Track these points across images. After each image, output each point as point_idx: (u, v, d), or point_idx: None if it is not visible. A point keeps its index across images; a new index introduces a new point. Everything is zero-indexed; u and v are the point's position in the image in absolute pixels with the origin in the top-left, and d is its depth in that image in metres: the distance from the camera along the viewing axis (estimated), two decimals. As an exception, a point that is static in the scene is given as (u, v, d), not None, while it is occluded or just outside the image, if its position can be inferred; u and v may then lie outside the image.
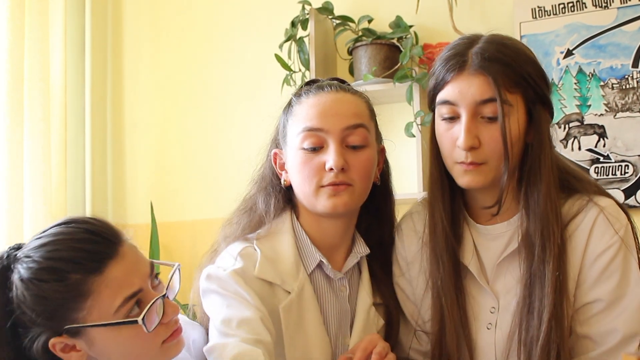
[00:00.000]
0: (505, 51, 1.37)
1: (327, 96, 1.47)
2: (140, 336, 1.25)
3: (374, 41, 2.83)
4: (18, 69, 2.91)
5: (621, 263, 1.37)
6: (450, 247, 1.47)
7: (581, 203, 1.41)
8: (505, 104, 1.33)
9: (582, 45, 2.70)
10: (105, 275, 1.23)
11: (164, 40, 3.43)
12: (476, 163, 1.37)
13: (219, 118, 3.26)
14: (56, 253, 1.24)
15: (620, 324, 1.35)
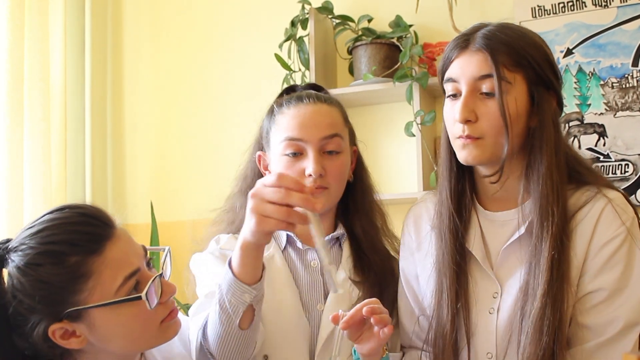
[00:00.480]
0: (509, 32, 1.42)
1: (306, 108, 1.62)
2: (140, 315, 1.25)
3: (373, 41, 2.83)
4: (18, 69, 2.91)
5: (626, 254, 1.38)
6: (454, 229, 1.49)
7: (590, 194, 1.43)
8: (503, 80, 1.37)
9: (582, 44, 2.70)
10: (105, 256, 1.23)
11: (164, 40, 3.43)
12: (473, 137, 1.40)
13: (219, 118, 3.26)
14: (53, 237, 1.23)
15: (621, 314, 1.35)
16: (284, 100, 1.67)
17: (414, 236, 1.62)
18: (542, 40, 1.46)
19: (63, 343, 1.24)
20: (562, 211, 1.39)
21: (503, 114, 1.37)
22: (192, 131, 3.32)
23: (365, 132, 3.03)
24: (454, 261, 1.48)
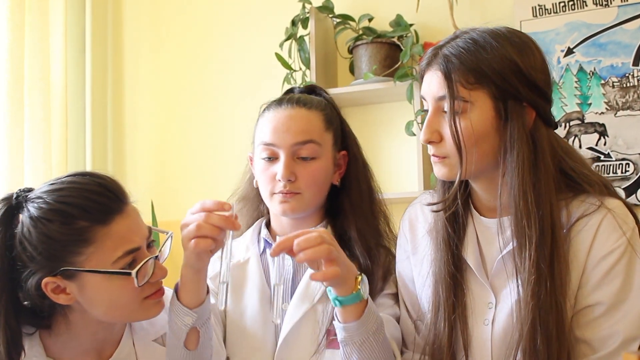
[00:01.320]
0: (472, 48, 1.36)
1: (282, 112, 1.62)
2: (127, 288, 1.34)
3: (374, 40, 2.83)
4: (18, 69, 2.91)
5: (625, 266, 1.34)
6: (447, 238, 1.47)
7: (588, 203, 1.38)
8: (457, 100, 1.34)
9: (583, 43, 2.70)
10: (110, 228, 1.32)
11: (165, 40, 3.43)
12: (438, 156, 1.40)
13: (219, 117, 3.26)
14: (68, 198, 1.32)
15: (620, 328, 1.32)
16: (269, 103, 1.69)
17: (410, 239, 1.60)
18: (521, 47, 1.38)
19: (53, 297, 1.33)
20: (544, 229, 1.34)
21: (454, 136, 1.34)
22: (193, 130, 3.32)
23: (365, 132, 3.03)
24: (449, 273, 1.46)
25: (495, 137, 1.36)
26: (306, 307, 1.56)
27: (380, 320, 1.40)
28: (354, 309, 1.35)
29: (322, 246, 1.28)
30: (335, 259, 1.30)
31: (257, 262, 1.66)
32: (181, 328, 1.38)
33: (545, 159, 1.36)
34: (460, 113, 1.34)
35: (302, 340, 1.55)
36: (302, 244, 1.28)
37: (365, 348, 1.37)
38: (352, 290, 1.34)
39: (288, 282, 1.63)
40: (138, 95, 3.46)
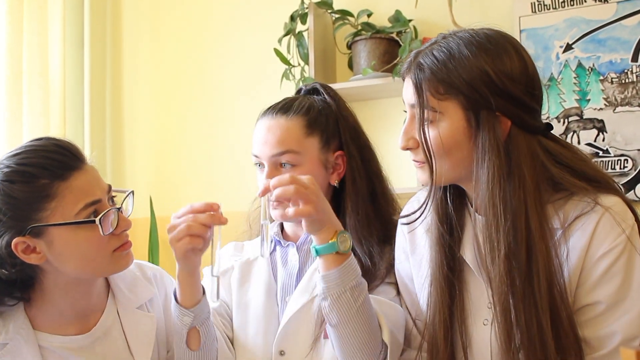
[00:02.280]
0: (443, 57, 1.35)
1: (264, 124, 1.67)
2: (94, 239, 1.41)
3: (373, 35, 2.83)
4: (17, 64, 2.91)
5: (624, 265, 1.32)
6: (441, 239, 1.47)
7: (584, 204, 1.35)
8: (426, 110, 1.35)
9: (582, 39, 2.69)
10: (70, 183, 1.40)
11: (163, 35, 3.43)
12: (417, 161, 1.44)
13: (218, 112, 3.26)
14: (27, 160, 1.40)
15: (619, 328, 1.31)
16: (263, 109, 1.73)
17: (408, 238, 1.59)
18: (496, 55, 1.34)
19: (24, 257, 1.39)
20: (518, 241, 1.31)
21: (422, 144, 1.37)
22: (191, 125, 3.32)
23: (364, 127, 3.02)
24: (443, 275, 1.46)
25: (467, 146, 1.36)
26: (305, 299, 1.60)
27: (362, 282, 1.44)
28: (333, 260, 1.41)
29: (292, 185, 1.36)
30: (311, 202, 1.37)
31: (266, 260, 1.71)
32: (182, 328, 1.49)
33: (521, 170, 1.33)
34: (430, 122, 1.35)
35: (300, 330, 1.58)
36: (275, 184, 1.37)
37: (342, 302, 1.40)
38: (329, 240, 1.41)
39: (292, 277, 1.67)
40: (136, 90, 3.46)
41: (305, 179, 1.40)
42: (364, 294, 1.44)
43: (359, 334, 1.43)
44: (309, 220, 1.40)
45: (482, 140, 1.33)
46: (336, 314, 1.42)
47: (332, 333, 1.46)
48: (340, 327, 1.43)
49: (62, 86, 3.13)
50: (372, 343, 1.45)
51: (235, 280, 1.71)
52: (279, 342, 1.60)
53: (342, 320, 1.42)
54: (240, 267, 1.73)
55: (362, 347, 1.44)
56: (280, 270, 1.70)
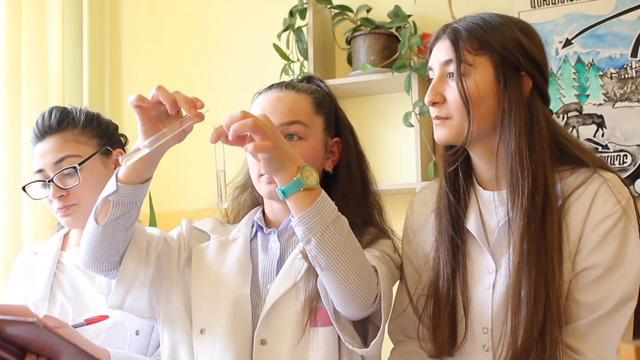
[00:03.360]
0: (477, 20, 1.50)
1: (270, 95, 1.65)
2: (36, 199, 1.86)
3: (372, 31, 2.83)
4: (16, 59, 2.91)
5: (621, 231, 1.41)
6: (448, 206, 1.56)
7: (586, 174, 1.46)
8: (463, 63, 1.46)
9: (581, 34, 2.69)
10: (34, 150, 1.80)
11: (162, 30, 3.43)
12: (441, 117, 1.50)
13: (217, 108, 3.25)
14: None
15: (616, 290, 1.38)
16: (261, 89, 1.71)
17: (416, 219, 1.67)
18: (521, 29, 1.51)
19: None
20: (537, 188, 1.42)
21: (461, 93, 1.45)
22: (191, 121, 3.31)
23: (363, 123, 3.03)
24: (450, 237, 1.54)
25: (494, 101, 1.46)
26: (288, 284, 1.55)
27: (340, 215, 1.40)
28: (303, 198, 1.37)
29: (247, 119, 1.33)
30: (270, 138, 1.34)
31: (245, 243, 1.66)
32: (100, 196, 1.47)
33: (541, 125, 1.46)
34: (465, 75, 1.45)
35: (284, 319, 1.53)
36: (227, 122, 1.37)
37: (327, 239, 1.36)
38: (293, 177, 1.36)
39: (273, 264, 1.62)
40: (135, 84, 3.46)
41: (260, 115, 1.37)
42: (346, 224, 1.40)
43: (352, 267, 1.38)
44: (268, 158, 1.35)
45: (509, 94, 1.46)
46: (324, 254, 1.37)
47: (323, 276, 1.41)
48: (331, 267, 1.37)
49: (61, 81, 3.13)
50: (367, 273, 1.41)
51: (212, 258, 1.65)
52: (260, 331, 1.53)
53: (332, 258, 1.37)
54: (217, 246, 1.67)
55: (359, 281, 1.40)
56: (261, 257, 1.65)
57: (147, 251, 1.58)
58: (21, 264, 1.85)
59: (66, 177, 1.77)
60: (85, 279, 1.79)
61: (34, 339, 1.43)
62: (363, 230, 1.62)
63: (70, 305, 1.76)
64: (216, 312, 1.57)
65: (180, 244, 1.67)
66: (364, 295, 1.41)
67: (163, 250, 1.63)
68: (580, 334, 1.39)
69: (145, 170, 1.50)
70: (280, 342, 1.52)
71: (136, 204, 1.48)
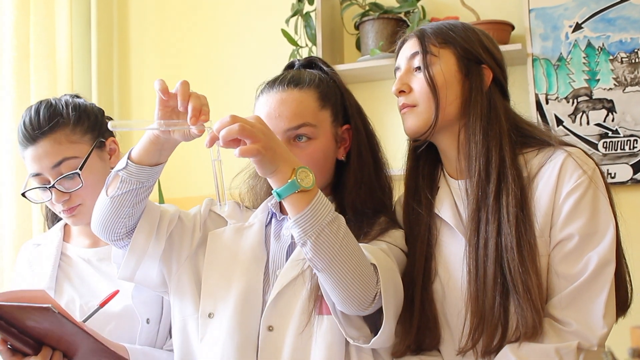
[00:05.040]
0: (443, 24, 1.62)
1: (274, 97, 1.63)
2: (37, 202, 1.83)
3: (381, 16, 2.82)
4: (24, 46, 2.91)
5: (591, 200, 1.45)
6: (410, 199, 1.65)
7: (550, 151, 1.52)
8: (428, 54, 1.56)
9: (591, 18, 2.68)
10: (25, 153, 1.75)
11: (170, 16, 3.42)
12: (408, 105, 1.59)
13: (225, 93, 3.26)
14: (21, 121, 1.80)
15: (593, 256, 1.41)
16: (263, 85, 1.69)
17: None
18: (483, 34, 1.62)
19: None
20: (490, 171, 1.50)
21: (427, 79, 1.54)
22: (199, 107, 3.31)
23: (372, 108, 3.02)
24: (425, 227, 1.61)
25: (457, 88, 1.56)
26: (296, 272, 1.54)
27: (338, 216, 1.39)
28: (299, 200, 1.35)
29: (235, 125, 1.34)
30: (259, 141, 1.33)
31: (260, 229, 1.66)
32: (112, 174, 1.50)
33: (498, 113, 1.55)
34: (430, 65, 1.56)
35: (291, 305, 1.53)
36: (217, 127, 1.37)
37: (323, 242, 1.35)
38: (287, 179, 1.35)
39: (283, 250, 1.62)
40: (144, 71, 3.45)
41: (251, 117, 1.38)
42: (343, 226, 1.38)
43: (349, 269, 1.37)
44: (260, 161, 1.34)
45: (470, 84, 1.56)
46: (320, 256, 1.36)
47: (321, 278, 1.40)
48: (328, 269, 1.37)
49: (69, 68, 3.13)
50: (365, 273, 1.40)
51: (227, 245, 1.65)
52: (268, 317, 1.53)
53: (328, 260, 1.36)
54: (234, 232, 1.67)
55: (356, 282, 1.39)
56: (273, 243, 1.64)
57: (159, 226, 1.60)
58: (24, 256, 1.85)
59: (67, 180, 1.73)
60: (90, 269, 1.80)
61: (51, 330, 1.44)
62: (373, 222, 1.62)
63: (77, 295, 1.76)
64: (226, 298, 1.57)
65: (195, 224, 1.68)
66: (361, 296, 1.40)
67: (176, 228, 1.64)
68: (564, 305, 1.41)
69: (154, 152, 1.49)
70: (286, 329, 1.52)
71: (144, 185, 1.50)
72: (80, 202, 1.75)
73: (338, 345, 1.50)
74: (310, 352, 1.50)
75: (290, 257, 1.59)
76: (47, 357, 1.49)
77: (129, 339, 1.69)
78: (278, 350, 1.52)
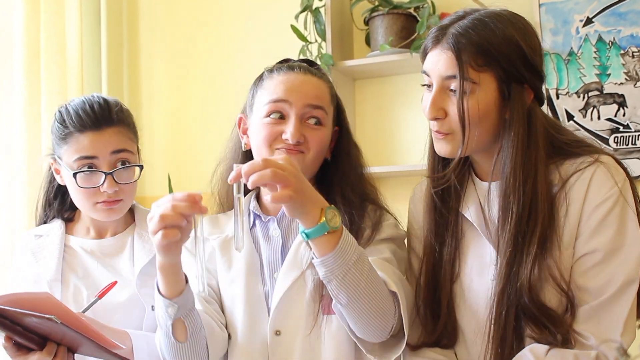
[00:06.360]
0: (481, 31, 1.42)
1: (296, 75, 1.63)
2: (75, 187, 1.75)
3: (390, 11, 2.81)
4: (34, 43, 2.92)
5: (619, 214, 1.40)
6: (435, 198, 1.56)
7: (582, 159, 1.45)
8: (466, 81, 1.40)
9: (602, 13, 2.66)
10: (80, 136, 1.74)
11: (180, 12, 3.42)
12: (442, 132, 1.46)
13: (235, 89, 3.25)
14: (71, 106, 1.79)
15: (618, 274, 1.38)
16: (275, 67, 1.69)
17: (420, 217, 1.64)
18: (523, 33, 1.45)
19: (55, 173, 1.85)
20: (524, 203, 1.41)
21: (461, 115, 1.41)
22: (209, 103, 3.32)
23: (382, 103, 3.02)
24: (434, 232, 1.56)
25: (496, 116, 1.44)
26: (295, 274, 1.55)
27: (361, 251, 1.38)
28: (326, 241, 1.33)
29: (267, 170, 1.27)
30: (290, 185, 1.28)
31: (247, 235, 1.64)
32: (166, 319, 1.42)
33: (538, 138, 1.44)
34: (468, 93, 1.41)
35: (295, 308, 1.54)
36: (247, 170, 1.27)
37: (349, 281, 1.35)
38: (317, 221, 1.32)
39: (277, 252, 1.62)
40: (154, 67, 3.46)
41: (280, 159, 1.31)
42: (367, 263, 1.39)
43: (372, 302, 1.38)
44: (291, 205, 1.31)
45: (511, 110, 1.43)
46: (345, 294, 1.36)
47: (343, 311, 1.42)
48: (351, 304, 1.38)
49: (79, 65, 3.14)
50: (386, 305, 1.41)
51: (220, 263, 1.66)
52: (274, 322, 1.55)
53: (353, 297, 1.37)
54: (220, 248, 1.66)
55: (378, 314, 1.41)
56: (264, 246, 1.64)
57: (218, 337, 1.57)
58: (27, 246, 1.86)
59: (122, 171, 1.77)
60: (94, 261, 1.82)
61: (54, 330, 1.46)
62: (362, 213, 1.62)
63: (83, 286, 1.79)
64: (232, 315, 1.60)
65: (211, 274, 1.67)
66: (382, 328, 1.43)
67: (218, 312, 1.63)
68: (584, 318, 1.38)
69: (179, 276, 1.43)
70: (294, 332, 1.54)
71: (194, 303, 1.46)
72: (123, 197, 1.78)
73: (348, 344, 1.51)
74: (321, 353, 1.52)
75: (285, 258, 1.59)
76: (52, 352, 1.50)
77: (136, 326, 1.73)
78: (288, 354, 1.54)
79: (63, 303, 1.53)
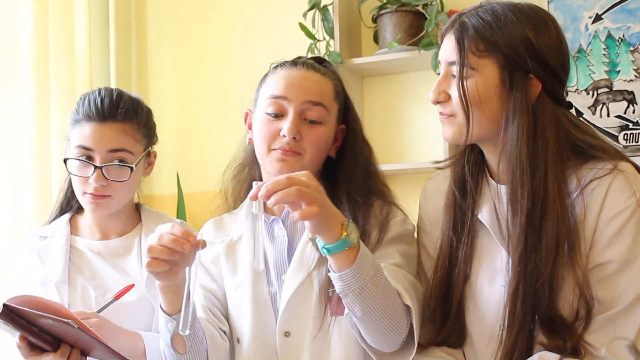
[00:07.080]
0: (486, 17, 1.43)
1: (297, 72, 1.63)
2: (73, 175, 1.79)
3: (398, 8, 2.81)
4: (43, 42, 2.93)
5: (635, 226, 1.37)
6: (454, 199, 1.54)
7: (598, 166, 1.42)
8: (465, 67, 1.42)
9: (611, 9, 2.65)
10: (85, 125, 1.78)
11: (188, 11, 3.43)
12: (445, 114, 1.49)
13: (243, 87, 3.25)
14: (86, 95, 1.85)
15: (631, 287, 1.35)
16: (280, 63, 1.70)
17: (431, 208, 1.64)
18: (538, 23, 1.43)
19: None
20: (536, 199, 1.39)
21: (460, 96, 1.42)
22: (217, 101, 3.32)
23: (390, 101, 3.02)
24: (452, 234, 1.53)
25: (498, 104, 1.43)
26: (303, 275, 1.55)
27: (377, 265, 1.37)
28: (345, 256, 1.33)
29: (291, 188, 1.25)
30: (316, 201, 1.27)
31: (250, 239, 1.63)
32: (166, 333, 1.46)
33: (545, 133, 1.41)
34: (467, 78, 1.42)
35: (303, 309, 1.54)
36: (270, 189, 1.25)
37: (365, 295, 1.34)
38: (338, 237, 1.31)
39: (284, 253, 1.62)
40: (162, 66, 3.46)
41: (302, 175, 1.30)
42: (383, 277, 1.38)
43: (386, 316, 1.39)
44: (316, 222, 1.29)
45: (514, 99, 1.41)
46: (360, 307, 1.36)
47: (357, 323, 1.41)
48: (366, 317, 1.38)
49: (88, 64, 3.14)
50: (399, 317, 1.42)
51: (225, 268, 1.66)
52: (282, 323, 1.55)
53: (368, 310, 1.37)
54: (225, 253, 1.67)
55: (391, 326, 1.41)
56: (269, 248, 1.63)
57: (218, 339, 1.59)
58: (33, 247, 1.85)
59: (114, 168, 1.77)
60: (101, 261, 1.83)
61: (68, 333, 1.47)
62: (368, 212, 1.60)
63: (91, 287, 1.79)
64: (240, 320, 1.61)
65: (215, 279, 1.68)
66: (394, 339, 1.43)
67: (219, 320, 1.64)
68: (596, 329, 1.36)
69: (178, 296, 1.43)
70: (302, 333, 1.54)
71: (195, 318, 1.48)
72: (110, 193, 1.77)
73: (356, 345, 1.50)
74: (330, 354, 1.53)
75: (292, 259, 1.59)
76: (66, 355, 1.51)
77: (146, 326, 1.74)
78: (298, 355, 1.54)
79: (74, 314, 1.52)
